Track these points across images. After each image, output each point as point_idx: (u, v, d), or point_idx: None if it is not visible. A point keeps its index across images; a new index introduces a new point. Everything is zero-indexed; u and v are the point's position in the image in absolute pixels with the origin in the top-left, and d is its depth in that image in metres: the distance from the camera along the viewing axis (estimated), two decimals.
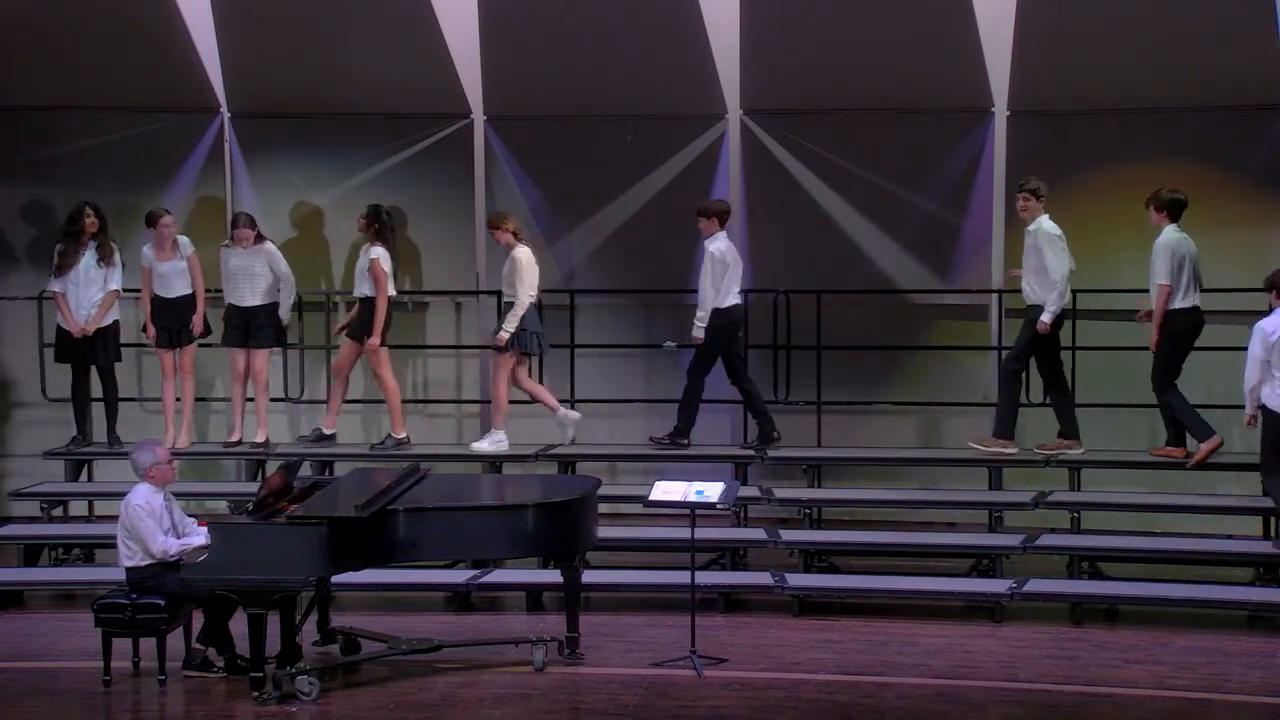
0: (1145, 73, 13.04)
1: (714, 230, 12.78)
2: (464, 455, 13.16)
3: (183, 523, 10.18)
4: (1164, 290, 12.03)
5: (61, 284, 13.09)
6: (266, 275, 13.04)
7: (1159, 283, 12.02)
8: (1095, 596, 11.46)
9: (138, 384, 14.10)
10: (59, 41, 13.61)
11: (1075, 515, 12.23)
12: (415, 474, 10.65)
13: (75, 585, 12.02)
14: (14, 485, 13.46)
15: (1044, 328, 12.32)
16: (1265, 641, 10.83)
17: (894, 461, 13.06)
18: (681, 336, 13.39)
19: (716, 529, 12.20)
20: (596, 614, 11.13)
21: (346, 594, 11.39)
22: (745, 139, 13.89)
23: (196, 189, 14.14)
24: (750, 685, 9.91)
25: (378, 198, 13.60)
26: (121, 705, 9.79)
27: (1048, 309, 12.28)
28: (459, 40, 13.58)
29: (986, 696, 9.70)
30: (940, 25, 13.08)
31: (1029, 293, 12.43)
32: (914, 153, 13.58)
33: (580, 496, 10.26)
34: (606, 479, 12.35)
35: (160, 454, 10.21)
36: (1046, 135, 13.47)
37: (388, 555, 9.93)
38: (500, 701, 9.66)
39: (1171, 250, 12.01)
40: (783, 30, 13.23)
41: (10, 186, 14.21)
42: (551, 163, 14.05)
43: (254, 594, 9.55)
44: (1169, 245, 12.03)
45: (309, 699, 9.59)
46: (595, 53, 13.51)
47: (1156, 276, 12.05)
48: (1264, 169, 13.21)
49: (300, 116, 14.02)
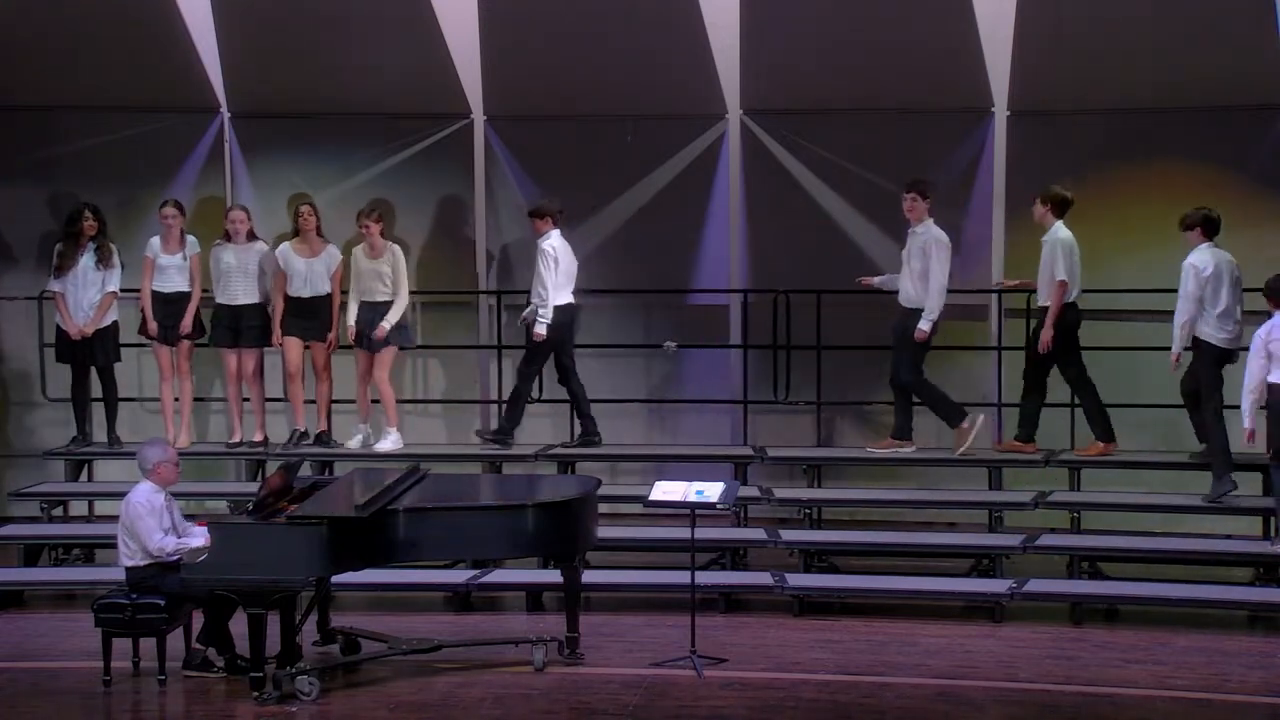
0: (1145, 73, 13.04)
1: (547, 229, 12.82)
2: (464, 455, 13.16)
3: (182, 523, 10.19)
4: (1062, 287, 12.23)
5: (61, 285, 13.09)
6: (258, 274, 13.03)
7: (1058, 279, 12.25)
8: (1095, 596, 11.47)
9: (138, 384, 14.09)
10: (59, 41, 13.61)
11: (1075, 515, 12.24)
12: (415, 474, 10.65)
13: (75, 585, 12.03)
14: (14, 485, 13.45)
15: (921, 335, 12.47)
16: (1265, 641, 10.84)
17: (894, 461, 13.05)
18: (681, 337, 13.39)
19: (716, 529, 12.21)
20: (596, 614, 11.13)
21: (346, 594, 11.39)
22: (745, 139, 13.89)
23: (196, 189, 14.12)
24: (750, 685, 9.91)
25: (377, 198, 13.62)
26: (121, 705, 9.79)
27: (926, 316, 12.45)
28: (459, 40, 13.57)
29: (986, 696, 9.70)
30: (940, 25, 13.08)
31: (909, 295, 12.62)
32: (914, 153, 13.56)
33: (580, 496, 10.27)
34: (606, 479, 12.34)
35: (170, 453, 10.26)
36: (1046, 135, 13.47)
37: (388, 555, 9.94)
38: (500, 701, 9.65)
39: (1071, 247, 12.26)
40: (783, 30, 13.23)
41: (10, 186, 14.20)
42: (551, 163, 14.04)
43: (254, 594, 9.55)
44: (1065, 242, 12.27)
45: (309, 699, 9.60)
46: (595, 53, 13.51)
47: (1056, 274, 12.27)
48: (1264, 169, 13.20)
49: (300, 116, 14.02)
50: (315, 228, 13.01)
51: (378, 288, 12.91)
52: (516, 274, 14.00)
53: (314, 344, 13.04)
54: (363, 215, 12.96)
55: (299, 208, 13.07)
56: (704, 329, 13.87)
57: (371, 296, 12.93)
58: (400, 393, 13.79)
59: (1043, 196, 12.44)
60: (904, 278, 12.67)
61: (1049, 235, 12.40)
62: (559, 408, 13.80)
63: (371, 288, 12.93)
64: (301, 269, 12.97)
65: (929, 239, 12.55)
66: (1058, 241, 12.31)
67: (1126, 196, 13.05)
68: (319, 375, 13.09)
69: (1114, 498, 12.73)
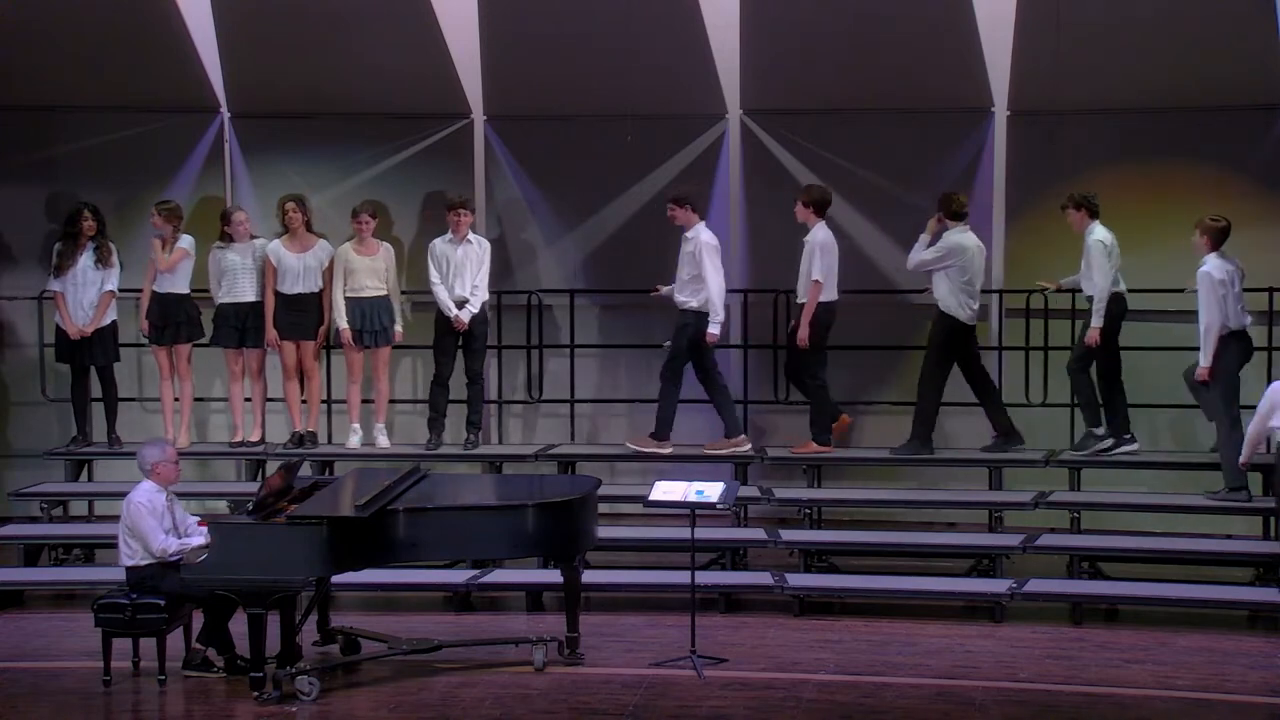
0: (1145, 73, 13.04)
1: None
2: (464, 455, 13.16)
3: (184, 523, 10.20)
4: (817, 286, 12.55)
5: (60, 284, 13.10)
6: (259, 272, 13.04)
7: (814, 279, 12.57)
8: (1095, 596, 11.47)
9: (138, 384, 14.10)
10: (59, 41, 13.61)
11: (1075, 515, 12.23)
12: (415, 474, 10.65)
13: (75, 585, 12.03)
14: (14, 485, 13.45)
15: (712, 338, 12.73)
16: (1265, 641, 10.84)
17: (894, 461, 13.05)
18: None
19: (716, 529, 12.21)
20: (596, 614, 11.14)
21: (346, 594, 11.40)
22: (745, 139, 13.89)
23: (196, 189, 14.12)
24: (750, 685, 9.91)
25: (377, 198, 13.63)
26: (121, 705, 9.79)
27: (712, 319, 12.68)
28: (459, 40, 13.57)
29: (986, 696, 9.70)
30: (940, 25, 13.08)
31: (680, 300, 12.81)
32: (914, 153, 13.57)
33: (580, 496, 10.27)
34: (606, 479, 12.34)
35: (169, 452, 10.27)
36: (1046, 135, 13.46)
37: (388, 555, 9.94)
38: (500, 701, 9.65)
39: (826, 248, 12.61)
40: (783, 30, 13.22)
41: (10, 186, 14.19)
42: (551, 163, 14.04)
43: (254, 594, 9.55)
44: (824, 242, 12.60)
45: (309, 699, 9.60)
46: (595, 53, 13.50)
47: (813, 273, 12.59)
48: (1264, 169, 13.20)
49: (300, 116, 14.02)
50: (304, 224, 13.01)
51: (369, 284, 12.93)
52: (516, 273, 13.99)
53: (304, 343, 13.04)
54: (359, 212, 12.98)
55: (284, 205, 13.07)
56: None
57: (360, 293, 12.95)
58: (400, 393, 13.81)
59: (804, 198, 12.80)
60: (677, 282, 12.87)
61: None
62: (559, 408, 13.81)
63: (362, 284, 12.94)
64: (294, 265, 12.97)
65: (698, 244, 12.68)
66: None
67: (1127, 197, 13.03)
68: (309, 374, 13.09)
69: (1114, 498, 12.73)
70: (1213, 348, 11.78)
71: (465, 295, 12.93)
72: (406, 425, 13.79)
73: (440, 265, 12.97)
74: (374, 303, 12.94)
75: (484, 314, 13.08)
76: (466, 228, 12.98)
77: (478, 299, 12.97)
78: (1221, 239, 11.94)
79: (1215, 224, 11.94)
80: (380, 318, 12.96)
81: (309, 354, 13.07)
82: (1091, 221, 12.46)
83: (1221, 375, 11.86)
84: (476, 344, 13.08)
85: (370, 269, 12.94)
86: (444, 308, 12.91)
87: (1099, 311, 12.34)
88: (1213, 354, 11.80)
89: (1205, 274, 11.83)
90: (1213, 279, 11.77)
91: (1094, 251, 12.33)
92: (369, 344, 12.99)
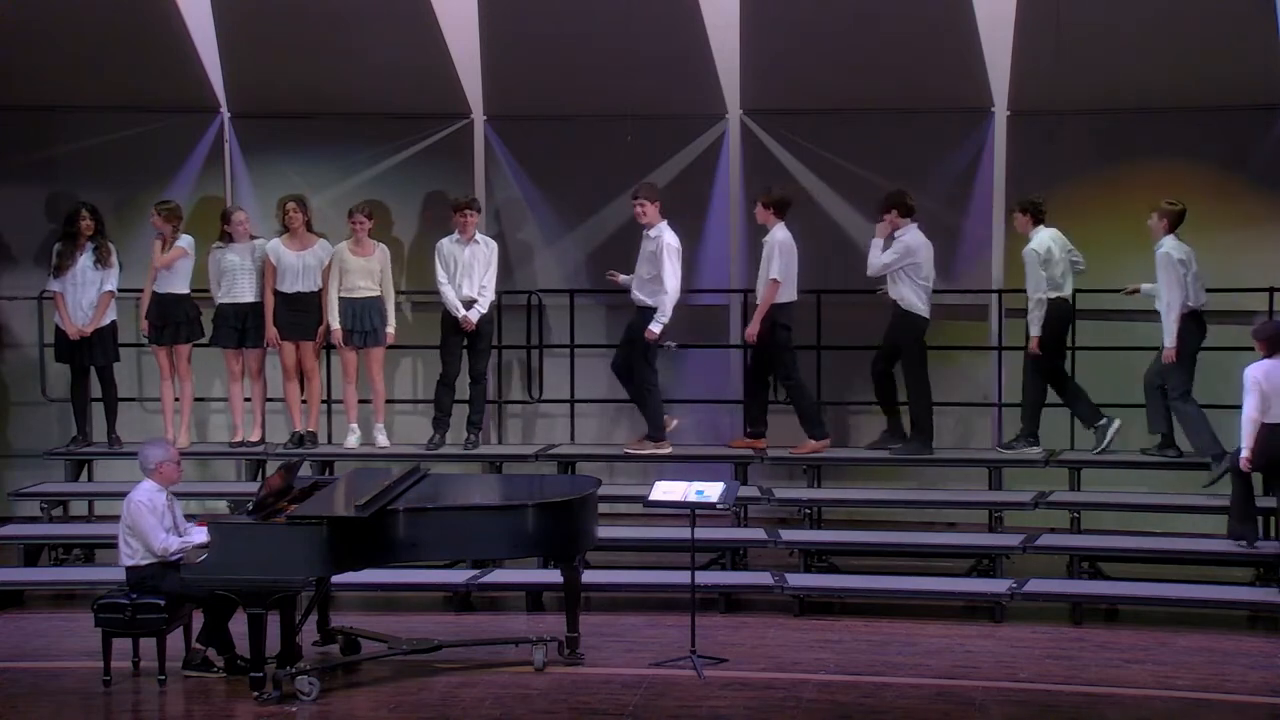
0: (1145, 73, 13.04)
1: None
2: (464, 455, 13.16)
3: (183, 524, 10.20)
4: (774, 285, 12.58)
5: (60, 284, 13.10)
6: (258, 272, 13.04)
7: (771, 277, 12.60)
8: (1095, 596, 11.47)
9: (138, 384, 14.10)
10: (59, 41, 13.61)
11: (1075, 515, 12.23)
12: (415, 474, 10.65)
13: (75, 585, 12.03)
14: (14, 485, 13.45)
15: (652, 336, 12.67)
16: (1265, 641, 10.84)
17: (894, 461, 13.05)
18: (682, 337, 13.38)
19: (716, 529, 12.21)
20: (596, 614, 11.14)
21: (346, 594, 11.40)
22: (745, 139, 13.89)
23: (196, 189, 14.12)
24: (750, 685, 9.91)
25: (377, 198, 13.63)
26: (121, 705, 9.80)
27: (658, 318, 12.66)
28: (459, 40, 13.57)
29: (986, 696, 9.71)
30: (940, 25, 13.08)
31: (638, 296, 12.82)
32: (914, 153, 13.56)
33: (580, 496, 10.27)
34: (606, 479, 12.34)
35: (172, 452, 10.29)
36: (1046, 135, 13.46)
37: (388, 555, 9.94)
38: (500, 701, 9.65)
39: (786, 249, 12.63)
40: (783, 30, 13.23)
41: (10, 186, 14.19)
42: (551, 163, 14.04)
43: (254, 594, 9.56)
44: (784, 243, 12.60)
45: (309, 699, 9.60)
46: (595, 53, 13.50)
47: (771, 272, 12.62)
48: (1264, 169, 13.20)
49: (300, 116, 14.02)
50: (304, 223, 13.01)
51: (361, 284, 12.93)
52: (516, 273, 13.99)
53: (303, 343, 13.04)
54: (355, 212, 12.98)
55: (285, 204, 13.06)
56: (704, 329, 13.86)
57: (352, 293, 12.95)
58: (401, 393, 13.81)
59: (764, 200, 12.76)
60: (636, 280, 12.86)
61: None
62: (559, 407, 13.81)
63: (355, 284, 12.94)
64: (294, 263, 12.97)
65: (660, 245, 12.68)
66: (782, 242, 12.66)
67: (1126, 196, 13.03)
68: (309, 374, 13.09)
69: (1114, 498, 12.73)
70: (1175, 326, 11.95)
71: (473, 295, 12.94)
72: (406, 425, 13.80)
73: (447, 265, 12.96)
74: (365, 303, 12.94)
75: (490, 314, 13.09)
76: (474, 228, 12.99)
77: (485, 299, 12.96)
78: (1178, 221, 12.13)
79: (1173, 207, 12.15)
80: (371, 318, 12.95)
81: (309, 354, 13.08)
82: (1036, 226, 12.49)
83: (1182, 354, 12.02)
84: (482, 344, 13.08)
85: (364, 269, 12.94)
86: (451, 308, 12.91)
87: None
88: (1175, 333, 11.94)
89: (1165, 254, 12.03)
90: (1172, 259, 11.95)
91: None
92: (359, 344, 12.99)
